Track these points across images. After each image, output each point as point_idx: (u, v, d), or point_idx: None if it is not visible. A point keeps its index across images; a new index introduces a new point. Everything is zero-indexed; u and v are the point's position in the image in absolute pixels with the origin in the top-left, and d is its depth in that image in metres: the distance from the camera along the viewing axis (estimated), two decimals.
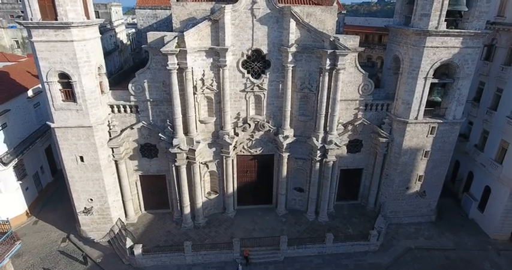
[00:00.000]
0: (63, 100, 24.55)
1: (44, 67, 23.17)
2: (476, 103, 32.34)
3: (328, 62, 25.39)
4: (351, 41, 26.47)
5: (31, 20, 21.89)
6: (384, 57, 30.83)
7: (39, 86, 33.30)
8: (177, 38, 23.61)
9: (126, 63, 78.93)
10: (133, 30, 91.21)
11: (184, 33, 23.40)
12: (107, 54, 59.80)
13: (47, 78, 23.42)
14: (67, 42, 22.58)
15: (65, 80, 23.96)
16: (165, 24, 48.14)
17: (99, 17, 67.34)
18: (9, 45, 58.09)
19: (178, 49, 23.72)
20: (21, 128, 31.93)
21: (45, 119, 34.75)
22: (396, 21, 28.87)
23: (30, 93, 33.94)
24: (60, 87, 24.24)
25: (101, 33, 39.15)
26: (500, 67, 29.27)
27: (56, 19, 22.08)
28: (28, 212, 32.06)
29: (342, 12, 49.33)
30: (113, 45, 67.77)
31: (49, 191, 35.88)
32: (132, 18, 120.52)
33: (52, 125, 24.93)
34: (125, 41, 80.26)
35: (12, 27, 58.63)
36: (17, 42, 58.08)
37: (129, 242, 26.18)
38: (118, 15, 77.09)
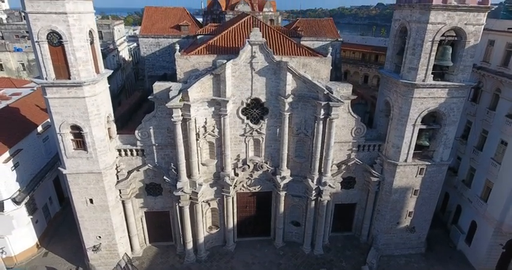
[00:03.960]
0: (74, 149, 26.29)
1: (57, 120, 24.89)
2: (464, 141, 34.05)
3: (322, 111, 27.11)
4: (344, 90, 28.19)
5: (46, 79, 23.60)
6: (377, 99, 32.57)
7: (48, 120, 34.95)
8: (181, 93, 25.30)
9: (128, 80, 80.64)
10: (135, 44, 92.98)
11: (188, 89, 25.11)
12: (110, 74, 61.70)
13: (59, 130, 25.14)
14: (79, 98, 24.29)
15: (77, 131, 25.67)
16: (167, 52, 49.94)
17: (102, 37, 69.09)
18: (15, 68, 59.71)
19: (182, 103, 25.46)
20: (32, 164, 33.48)
21: (53, 152, 36.74)
22: (387, 67, 30.58)
23: (39, 128, 35.57)
24: (72, 137, 25.95)
25: (104, 56, 40.50)
26: (485, 110, 31.00)
27: (69, 78, 23.79)
28: (38, 243, 33.70)
29: (338, 39, 50.95)
30: (115, 65, 69.22)
31: (57, 220, 37.52)
32: (134, 30, 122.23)
33: (64, 172, 26.63)
34: (127, 58, 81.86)
35: (18, 50, 60.23)
36: (22, 65, 59.68)
37: None
38: (120, 33, 78.75)
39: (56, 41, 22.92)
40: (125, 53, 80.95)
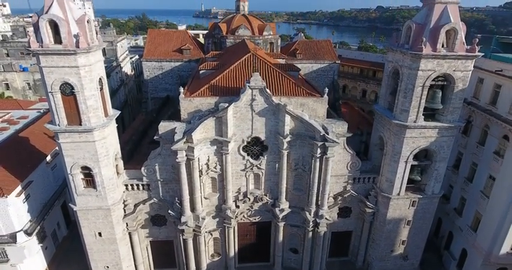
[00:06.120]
0: (84, 187, 27.81)
1: (69, 162, 26.42)
2: (456, 170, 35.51)
3: (318, 150, 28.60)
4: (340, 128, 29.62)
5: (59, 125, 25.11)
6: (372, 132, 34.01)
7: (57, 148, 36.38)
8: (185, 136, 26.80)
9: (131, 93, 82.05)
10: (137, 56, 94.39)
11: (192, 133, 26.60)
12: (113, 93, 63.17)
13: (71, 171, 26.66)
14: (89, 142, 25.81)
15: (87, 171, 27.18)
16: (170, 75, 51.54)
17: (105, 54, 70.46)
18: (21, 87, 61.21)
19: (186, 145, 26.96)
20: (42, 193, 34.92)
21: (61, 179, 38.22)
22: (381, 104, 32.04)
23: (48, 157, 37.04)
24: (82, 177, 27.47)
25: (108, 76, 41.77)
26: (475, 144, 32.47)
27: (80, 124, 25.30)
28: (48, 269, 35.22)
29: (336, 62, 52.43)
30: (119, 82, 70.73)
31: (65, 245, 38.93)
32: (135, 40, 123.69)
33: (74, 208, 28.18)
34: (129, 72, 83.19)
35: (24, 69, 61.72)
36: (28, 84, 61.14)
37: None
38: (123, 48, 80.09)
39: (68, 91, 24.44)
40: (127, 67, 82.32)
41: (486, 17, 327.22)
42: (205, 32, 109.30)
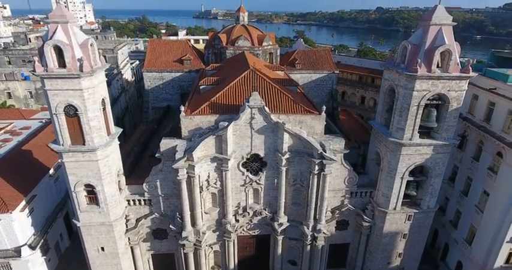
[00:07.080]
0: (87, 203, 28.47)
1: (73, 180, 27.09)
2: (451, 183, 36.17)
3: (316, 167, 29.26)
4: (337, 145, 30.26)
5: (63, 145, 25.77)
6: (369, 147, 34.65)
7: (59, 161, 37.00)
8: (186, 155, 27.45)
9: (131, 100, 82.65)
10: (137, 62, 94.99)
11: (192, 152, 27.26)
12: (114, 101, 63.82)
13: (74, 188, 27.32)
14: (93, 161, 26.46)
15: (90, 188, 27.85)
16: (170, 85, 52.23)
17: (106, 61, 70.92)
18: (23, 96, 61.91)
19: (187, 164, 27.61)
20: (45, 206, 35.57)
21: (63, 190, 38.83)
22: (378, 120, 32.64)
23: (51, 171, 37.67)
24: (85, 194, 28.13)
25: (108, 85, 42.27)
26: (470, 159, 33.13)
27: (84, 144, 25.95)
28: None
29: (335, 72, 53.06)
30: (119, 89, 71.25)
31: (67, 255, 39.57)
32: (135, 44, 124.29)
33: (78, 224, 28.85)
34: (130, 78, 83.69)
35: (26, 78, 62.38)
36: (30, 93, 61.83)
37: None
38: (124, 55, 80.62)
39: (72, 112, 25.09)
40: (127, 73, 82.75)
41: (486, 18, 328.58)
42: (205, 37, 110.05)
